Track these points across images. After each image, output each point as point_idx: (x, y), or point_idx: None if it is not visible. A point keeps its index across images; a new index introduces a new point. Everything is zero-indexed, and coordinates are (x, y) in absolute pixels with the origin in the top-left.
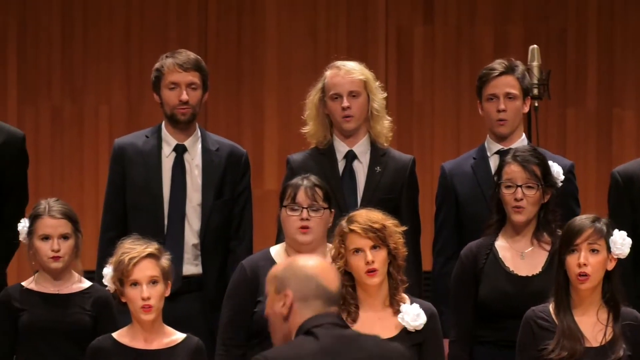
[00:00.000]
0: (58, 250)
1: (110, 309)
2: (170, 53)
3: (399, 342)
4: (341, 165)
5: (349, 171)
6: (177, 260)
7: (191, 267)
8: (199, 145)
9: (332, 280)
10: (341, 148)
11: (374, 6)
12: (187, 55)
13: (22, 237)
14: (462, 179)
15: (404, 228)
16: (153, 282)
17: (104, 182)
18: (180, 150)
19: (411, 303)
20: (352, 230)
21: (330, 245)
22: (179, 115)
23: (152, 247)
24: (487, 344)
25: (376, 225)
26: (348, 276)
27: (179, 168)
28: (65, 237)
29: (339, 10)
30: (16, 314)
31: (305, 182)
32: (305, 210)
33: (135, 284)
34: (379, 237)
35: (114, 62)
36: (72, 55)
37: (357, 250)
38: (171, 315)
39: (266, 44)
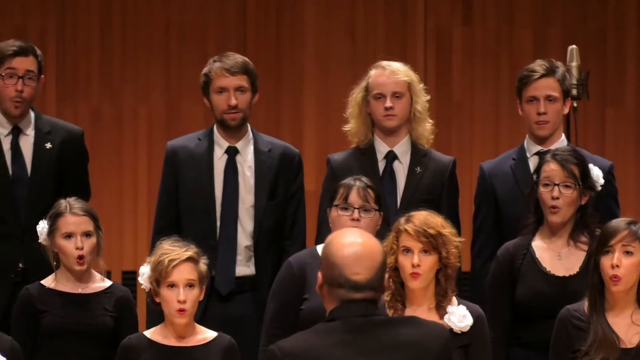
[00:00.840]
0: (82, 248)
1: (132, 309)
2: (218, 57)
3: None
4: (381, 165)
5: (389, 171)
6: (230, 261)
7: (244, 268)
8: (251, 147)
9: (359, 270)
10: (382, 148)
11: (412, 6)
12: (235, 58)
13: (42, 238)
14: (501, 179)
15: (462, 239)
16: (190, 285)
17: (143, 183)
18: (232, 152)
19: (458, 304)
20: (405, 230)
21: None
22: (229, 121)
23: (192, 251)
24: (523, 345)
25: (430, 231)
26: (398, 272)
27: (231, 170)
28: (87, 234)
29: (378, 10)
30: (37, 314)
31: (357, 182)
32: (356, 211)
33: (172, 285)
34: (431, 242)
35: (153, 63)
36: (111, 56)
37: (407, 250)
38: (224, 315)
39: (305, 43)
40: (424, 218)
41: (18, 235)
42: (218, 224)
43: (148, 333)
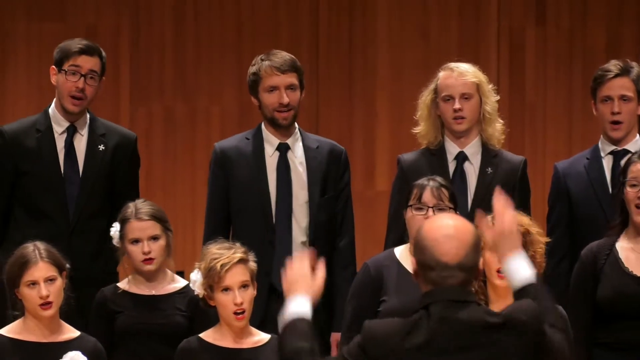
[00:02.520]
0: (149, 252)
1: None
2: (264, 55)
3: None
4: (452, 166)
5: (460, 172)
6: (287, 257)
7: None
8: (300, 144)
9: (448, 250)
10: (452, 149)
11: (486, 7)
12: (283, 56)
13: (115, 241)
14: (575, 179)
15: (548, 239)
16: (244, 286)
17: None
18: (283, 148)
19: None
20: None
21: None
22: (280, 120)
23: (240, 251)
24: (604, 345)
25: (520, 229)
26: (482, 271)
27: (284, 166)
28: (154, 238)
29: (451, 11)
30: (112, 316)
31: (431, 182)
32: (431, 210)
33: (226, 289)
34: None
35: (226, 63)
36: (184, 56)
37: None
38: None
39: (377, 44)
40: None
41: (66, 234)
42: (274, 221)
43: (204, 335)
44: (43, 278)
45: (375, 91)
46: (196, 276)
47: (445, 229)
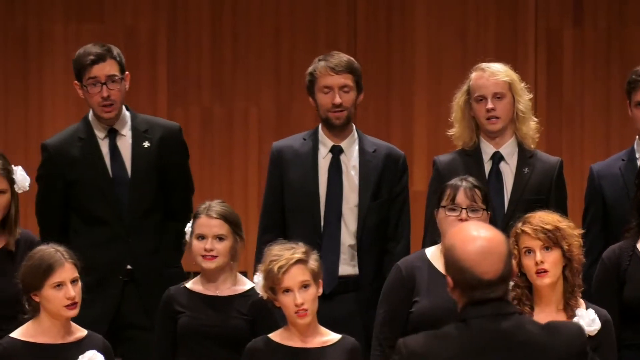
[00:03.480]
0: (211, 250)
1: (270, 311)
2: (323, 56)
3: None
4: (487, 166)
5: (496, 172)
6: (334, 260)
7: (347, 267)
8: (356, 147)
9: (487, 268)
10: (488, 149)
11: (523, 8)
12: (340, 57)
13: (187, 237)
14: (610, 180)
15: (581, 231)
16: (304, 286)
17: (253, 184)
18: (336, 151)
19: (587, 308)
20: (523, 231)
21: None
22: (333, 120)
23: (300, 252)
24: (632, 346)
25: (548, 227)
26: (524, 277)
27: (335, 169)
28: (220, 237)
29: (489, 11)
30: (176, 315)
31: (464, 182)
32: (464, 211)
33: (287, 290)
34: (550, 238)
35: (264, 64)
36: (222, 57)
37: (529, 251)
38: (328, 315)
39: (415, 44)
40: (539, 216)
41: (123, 236)
42: (322, 223)
43: (272, 335)
44: (69, 279)
45: (413, 92)
46: (258, 278)
47: (479, 246)
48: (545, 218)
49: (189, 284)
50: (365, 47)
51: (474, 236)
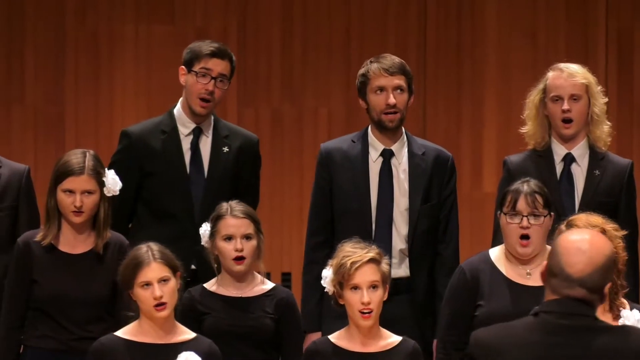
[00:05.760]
0: (241, 250)
1: (294, 311)
2: (374, 58)
3: None
4: (559, 167)
5: (567, 174)
6: None
7: (399, 270)
8: (405, 150)
9: (574, 262)
10: (559, 151)
11: (594, 8)
12: (392, 59)
13: (205, 240)
14: None
15: (624, 232)
16: (373, 287)
17: None
18: (387, 154)
19: (631, 309)
20: None
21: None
22: (386, 122)
23: (374, 252)
24: None
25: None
26: None
27: (386, 173)
28: (248, 237)
29: (559, 11)
30: (200, 317)
31: (525, 188)
32: (525, 219)
33: (355, 288)
34: None
35: (333, 64)
36: (292, 58)
37: None
38: (382, 318)
39: (485, 45)
40: (585, 219)
41: (191, 235)
42: (373, 227)
43: (333, 337)
44: (156, 279)
45: (483, 93)
46: (327, 272)
47: (581, 242)
48: (591, 220)
49: (208, 285)
50: (435, 48)
51: (582, 234)
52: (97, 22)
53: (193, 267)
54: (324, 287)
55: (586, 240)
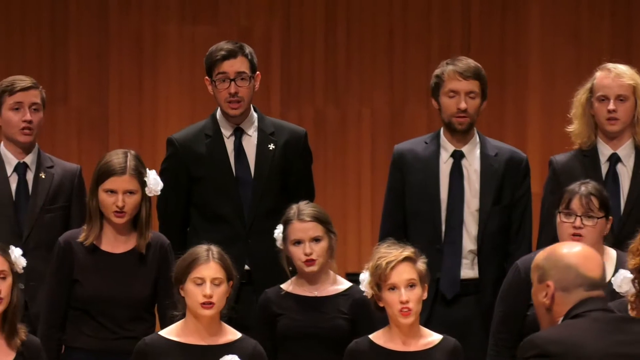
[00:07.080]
0: (310, 254)
1: (369, 311)
2: (450, 60)
3: None
4: (604, 167)
5: (612, 174)
6: (456, 265)
7: (468, 271)
8: (477, 151)
9: (593, 267)
10: (605, 150)
11: (637, 8)
12: (468, 63)
13: (279, 243)
14: None
15: None
16: (411, 285)
17: (367, 186)
18: (457, 156)
19: None
20: None
21: (606, 248)
22: (456, 125)
23: (409, 251)
24: None
25: None
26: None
27: (457, 174)
28: (316, 239)
29: (603, 12)
30: (275, 317)
31: (582, 189)
32: (578, 219)
33: (393, 288)
34: None
35: (377, 65)
36: (335, 59)
37: None
38: (449, 319)
39: (529, 46)
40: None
41: (243, 236)
42: (443, 227)
43: (373, 336)
44: (210, 278)
45: (527, 93)
46: (364, 276)
47: (579, 250)
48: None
49: (284, 286)
50: (478, 49)
51: (573, 245)
52: (140, 23)
53: (247, 267)
54: None
55: (579, 249)
